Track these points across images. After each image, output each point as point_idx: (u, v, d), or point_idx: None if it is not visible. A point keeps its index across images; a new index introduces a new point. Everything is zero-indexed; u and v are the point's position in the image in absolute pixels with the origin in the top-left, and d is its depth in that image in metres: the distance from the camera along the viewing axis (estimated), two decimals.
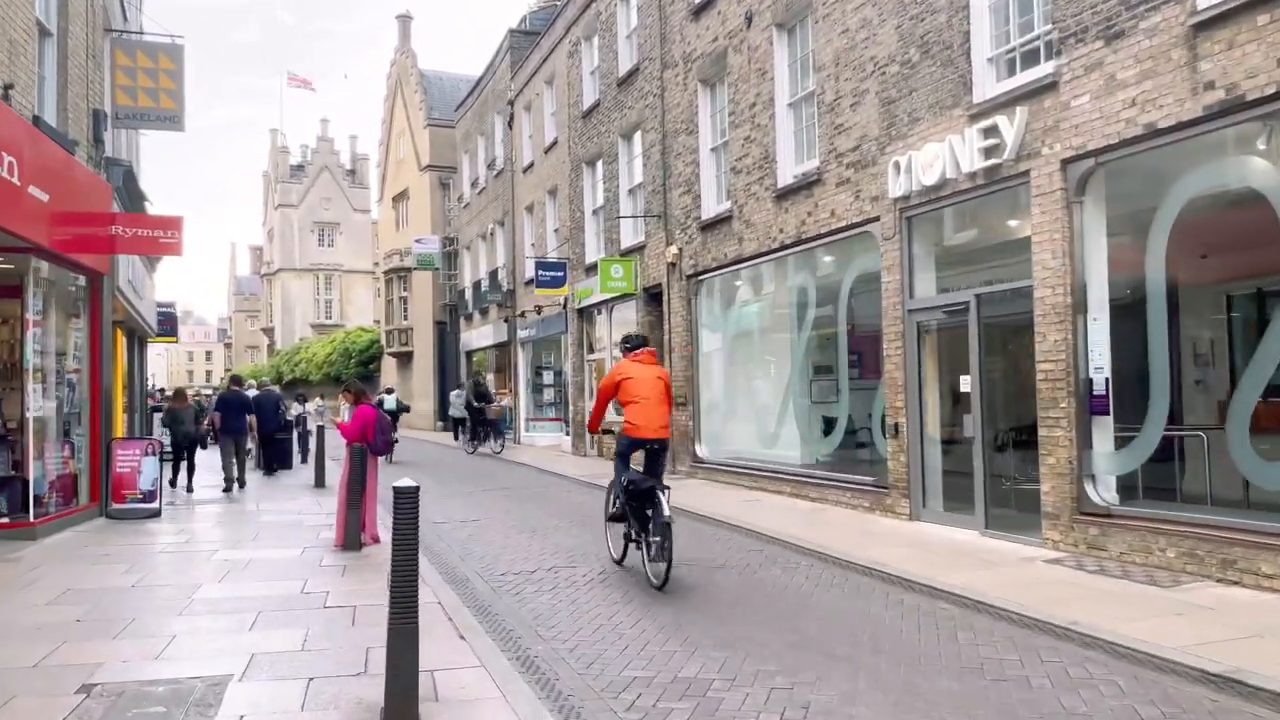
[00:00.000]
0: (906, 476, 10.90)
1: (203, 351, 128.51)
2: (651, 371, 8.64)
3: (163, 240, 13.31)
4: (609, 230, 20.33)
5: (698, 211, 16.15)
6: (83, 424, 12.65)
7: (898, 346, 11.03)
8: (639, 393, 8.44)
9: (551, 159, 24.45)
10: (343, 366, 48.17)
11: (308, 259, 68.11)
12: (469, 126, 33.93)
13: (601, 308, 21.20)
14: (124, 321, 17.97)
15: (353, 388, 10.61)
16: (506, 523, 12.15)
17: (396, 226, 44.02)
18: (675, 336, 17.07)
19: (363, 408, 10.37)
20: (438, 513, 13.41)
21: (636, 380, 8.48)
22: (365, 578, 8.40)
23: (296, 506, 13.85)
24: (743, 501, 13.13)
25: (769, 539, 10.21)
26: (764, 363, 14.86)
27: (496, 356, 32.10)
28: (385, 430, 10.42)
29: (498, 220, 30.07)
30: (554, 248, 24.49)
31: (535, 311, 25.29)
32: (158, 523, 12.33)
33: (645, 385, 8.48)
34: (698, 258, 16.17)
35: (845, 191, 11.95)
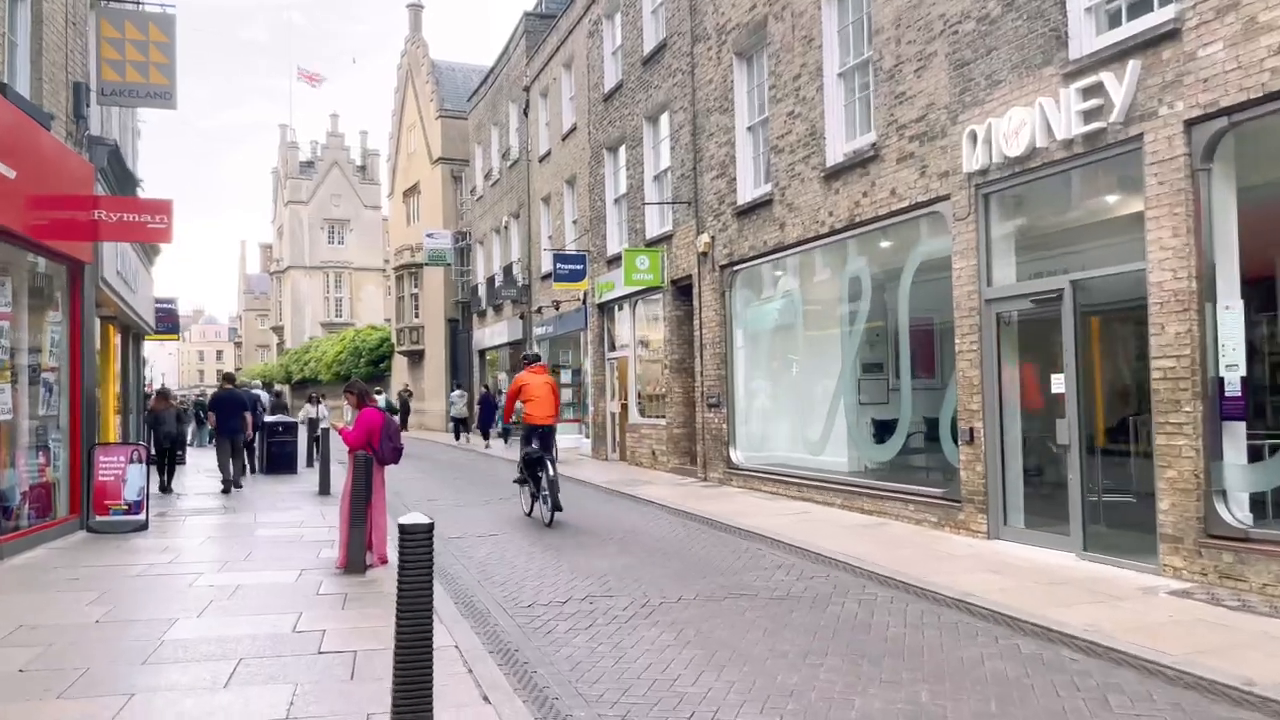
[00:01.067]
0: (983, 489, 9.59)
1: (213, 351, 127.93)
2: (542, 378, 12.63)
3: (151, 225, 12.11)
4: (632, 220, 19.07)
5: (733, 196, 14.87)
6: (61, 428, 11.47)
7: (972, 341, 9.73)
8: (533, 394, 12.36)
9: (570, 146, 23.21)
10: (352, 366, 47.06)
11: (318, 256, 67.08)
12: (482, 116, 32.73)
13: (624, 302, 19.94)
14: (115, 317, 16.81)
15: (356, 388, 9.38)
16: (528, 539, 10.90)
17: (407, 221, 42.87)
18: (707, 332, 15.79)
19: (368, 410, 9.14)
20: (452, 525, 12.19)
21: (532, 385, 12.43)
22: (369, 611, 7.17)
23: (297, 518, 12.64)
24: (790, 515, 11.85)
25: (832, 562, 8.92)
26: (809, 360, 13.57)
27: (511, 354, 30.86)
28: (394, 435, 9.19)
29: (512, 213, 28.85)
30: (572, 240, 23.24)
31: (553, 307, 24.05)
32: (143, 537, 11.14)
33: (538, 389, 12.41)
34: (733, 246, 14.89)
35: (908, 168, 10.66)
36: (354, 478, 8.80)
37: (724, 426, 15.25)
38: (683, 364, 17.31)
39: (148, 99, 13.45)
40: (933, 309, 10.81)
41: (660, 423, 17.84)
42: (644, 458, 18.58)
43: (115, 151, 12.95)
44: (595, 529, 11.45)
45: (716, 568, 8.87)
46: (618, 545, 10.21)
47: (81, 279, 11.79)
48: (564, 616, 7.15)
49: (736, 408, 15.16)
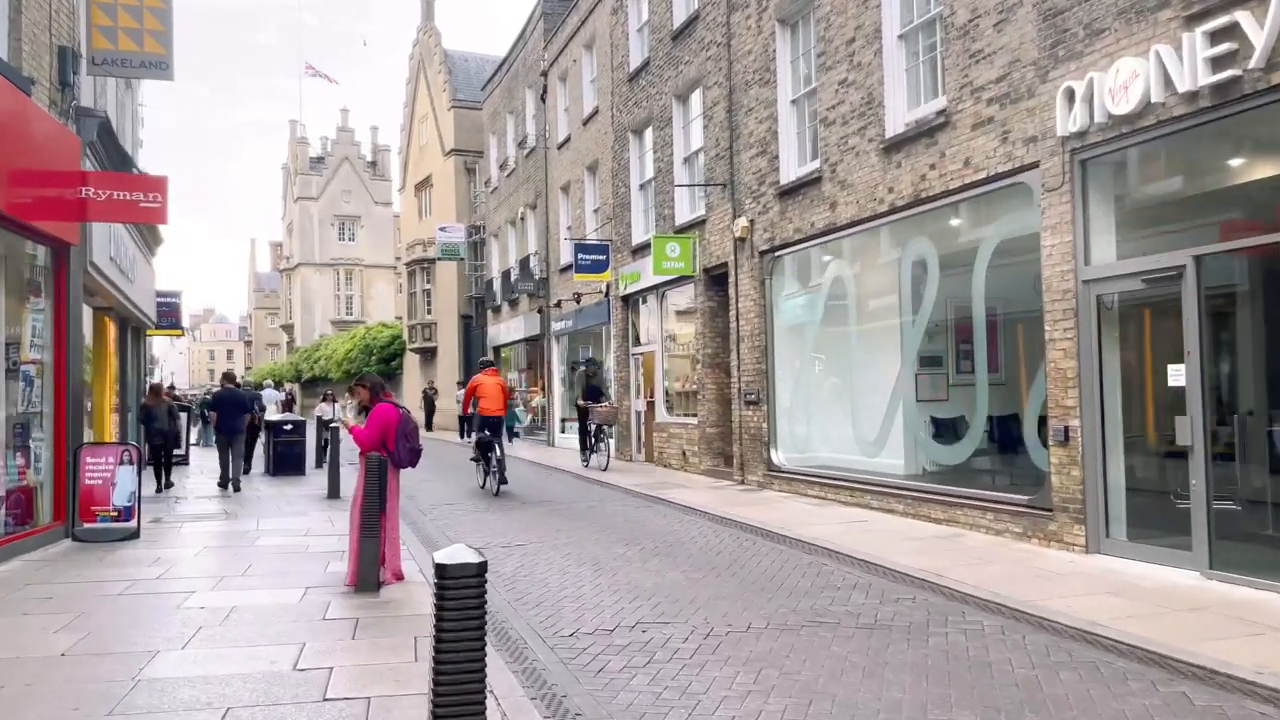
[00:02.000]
0: (1080, 496, 8.42)
1: (224, 350, 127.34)
2: (494, 380, 15.48)
3: (144, 205, 11.04)
4: (660, 205, 17.93)
5: (775, 175, 13.72)
6: (45, 426, 10.41)
7: (1068, 328, 8.55)
8: (486, 392, 15.15)
9: (591, 131, 22.08)
10: (363, 364, 46.04)
11: (328, 253, 66.19)
12: (497, 105, 31.64)
13: (650, 294, 18.81)
14: (111, 309, 15.77)
15: (368, 382, 8.26)
16: (560, 550, 9.77)
17: (419, 215, 41.83)
18: (744, 324, 14.64)
19: (382, 406, 8.03)
20: (472, 532, 11.09)
21: (485, 385, 15.24)
22: (385, 642, 6.06)
23: (304, 524, 11.55)
24: (847, 523, 10.69)
25: (915, 581, 7.76)
26: (862, 353, 12.40)
27: (527, 351, 29.78)
28: (411, 435, 8.08)
29: (529, 203, 27.75)
30: (594, 229, 22.11)
31: (574, 300, 22.92)
32: (133, 546, 10.06)
33: (490, 388, 15.20)
34: (774, 230, 13.74)
35: (986, 134, 9.49)
36: (366, 483, 7.69)
37: (764, 425, 14.09)
38: (716, 358, 16.17)
39: (143, 69, 12.36)
40: (1013, 294, 9.65)
41: (691, 422, 16.70)
42: (673, 459, 17.44)
43: (106, 125, 11.89)
44: (633, 538, 10.31)
45: (781, 586, 7.73)
46: (661, 559, 9.07)
47: (68, 262, 10.73)
48: (615, 649, 6.02)
49: (778, 405, 14.00)
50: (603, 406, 18.17)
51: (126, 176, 11.75)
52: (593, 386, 18.90)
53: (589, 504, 13.45)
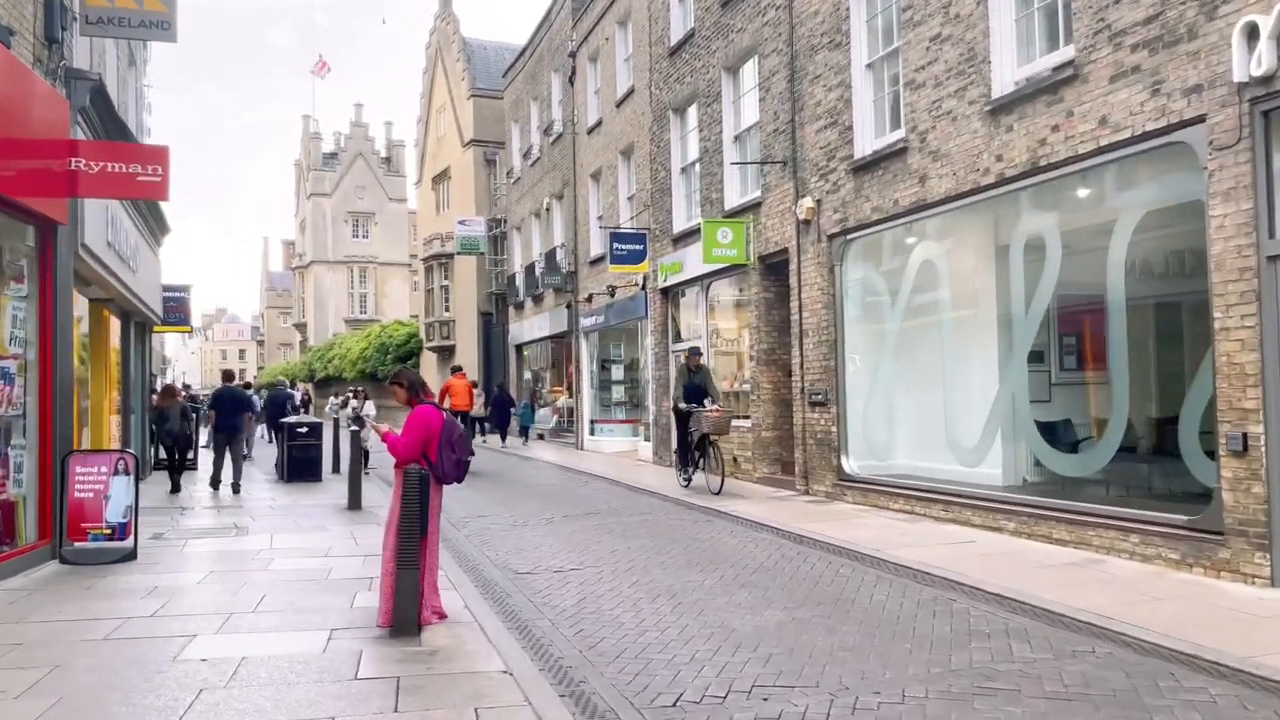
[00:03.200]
0: (1265, 518, 6.95)
1: (236, 349, 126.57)
2: (463, 383, 22.24)
3: (142, 178, 9.67)
4: (706, 189, 16.49)
5: (847, 149, 12.26)
6: (28, 432, 9.05)
7: (1246, 314, 7.08)
8: (457, 392, 21.49)
9: (626, 113, 20.65)
10: (379, 363, 44.75)
11: (341, 250, 64.99)
12: (519, 92, 30.24)
13: (693, 285, 17.37)
14: (112, 301, 14.43)
15: (405, 379, 6.84)
16: (623, 576, 8.34)
17: (437, 210, 40.49)
18: (809, 316, 13.18)
19: (422, 409, 6.62)
20: (514, 551, 9.68)
21: (457, 387, 21.60)
22: (438, 716, 4.65)
23: (323, 542, 10.17)
24: (951, 544, 9.23)
25: (1076, 624, 6.30)
26: (958, 347, 10.93)
27: (553, 349, 28.40)
28: (458, 444, 6.66)
29: (555, 193, 26.34)
30: (629, 218, 20.69)
31: (607, 294, 21.47)
32: (128, 570, 8.69)
33: (460, 389, 21.67)
34: (846, 210, 12.28)
35: (1130, 86, 8.01)
36: (404, 502, 6.29)
37: (832, 429, 12.63)
38: (773, 355, 14.72)
39: (142, 29, 11.01)
40: (1163, 275, 8.21)
41: (744, 424, 15.25)
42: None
43: (101, 90, 10.53)
44: (703, 561, 8.87)
45: (914, 632, 6.28)
46: (749, 590, 7.63)
47: (55, 244, 9.37)
48: None
49: (849, 406, 12.54)
50: (713, 410, 13.63)
51: (122, 146, 10.39)
52: (694, 384, 14.21)
53: (639, 516, 12.01)
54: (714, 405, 13.74)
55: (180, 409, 15.71)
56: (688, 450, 14.26)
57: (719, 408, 13.79)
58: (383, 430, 6.70)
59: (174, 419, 15.37)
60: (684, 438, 14.31)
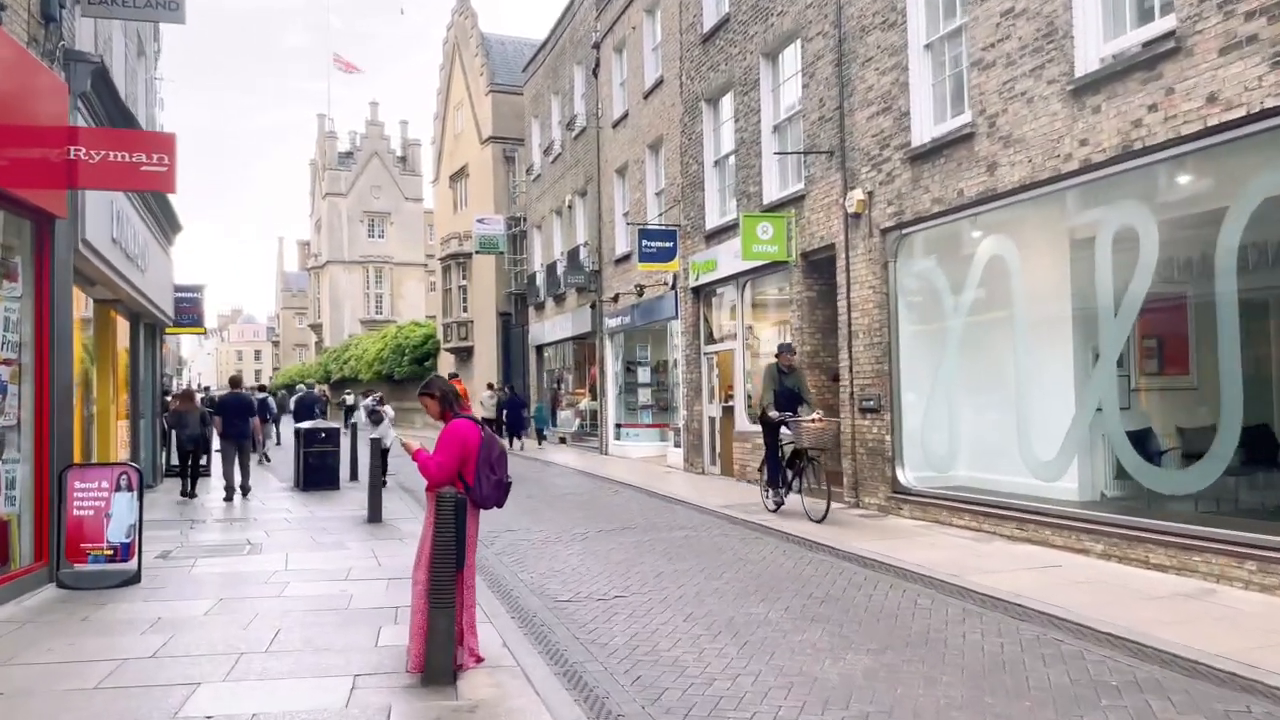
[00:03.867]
0: None
1: (252, 351, 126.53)
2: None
3: (146, 168, 8.90)
4: (743, 182, 15.63)
5: (904, 136, 11.39)
6: (22, 444, 8.30)
7: None
8: None
9: (654, 104, 19.82)
10: (395, 364, 44.09)
11: (357, 250, 64.43)
12: (540, 86, 29.45)
13: (727, 284, 16.52)
14: (120, 302, 13.71)
15: (436, 389, 6.00)
16: (676, 606, 7.50)
17: (454, 208, 39.76)
18: (859, 316, 12.31)
19: (458, 424, 5.80)
20: (550, 574, 8.86)
21: None
22: None
23: (343, 562, 9.38)
24: (1034, 568, 8.36)
25: (1220, 676, 5.42)
26: (1032, 349, 10.03)
27: (575, 350, 27.59)
28: (497, 464, 5.84)
29: (577, 190, 25.54)
30: (657, 214, 19.86)
31: (635, 293, 20.63)
32: (131, 595, 7.92)
33: None
34: (902, 202, 11.41)
35: (1246, 58, 7.12)
36: (438, 532, 5.47)
37: (886, 438, 11.76)
38: (816, 358, 13.86)
39: (149, 9, 10.26)
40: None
41: None
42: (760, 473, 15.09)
43: (103, 74, 9.77)
44: (762, 587, 8.02)
45: (1029, 683, 5.41)
46: (822, 626, 6.77)
47: (52, 239, 8.61)
48: None
49: (904, 413, 11.67)
50: (814, 421, 11.35)
51: (125, 133, 9.63)
52: (787, 388, 11.94)
53: (679, 532, 11.18)
54: (814, 414, 11.51)
55: (200, 414, 15.64)
56: (778, 468, 12.10)
57: (820, 417, 11.52)
58: (413, 448, 5.88)
59: (193, 424, 15.29)
60: (775, 453, 12.16)
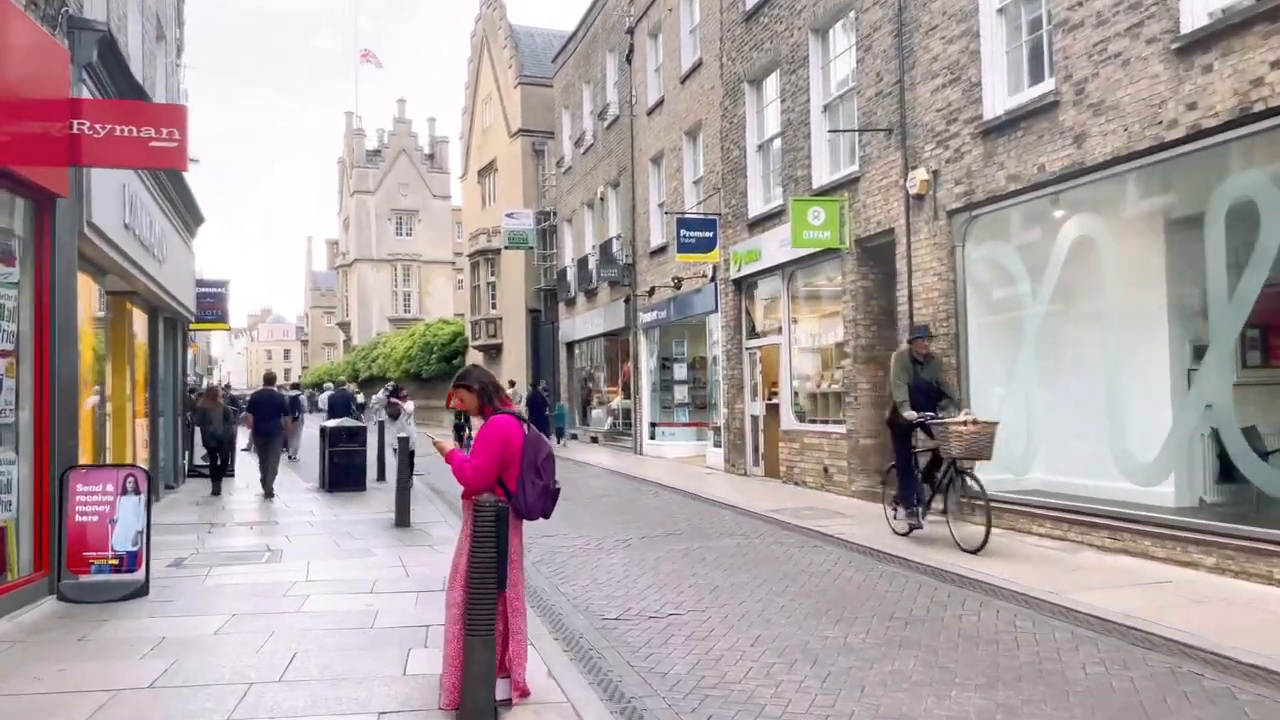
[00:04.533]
0: None
1: (281, 350, 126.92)
2: None
3: (155, 143, 8.16)
4: (790, 166, 14.74)
5: (974, 109, 10.46)
6: (20, 445, 7.60)
7: None
8: None
9: (691, 89, 18.96)
10: (423, 362, 43.52)
11: (385, 248, 64.08)
12: (570, 76, 28.68)
13: (771, 275, 15.64)
14: (136, 294, 13.05)
15: (474, 380, 5.18)
16: (740, 627, 6.65)
17: (482, 204, 39.10)
18: (922, 305, 11.40)
19: (499, 421, 4.99)
20: (594, 586, 8.05)
21: None
22: None
23: (367, 571, 8.61)
24: (1140, 585, 7.44)
25: None
26: (1127, 341, 9.10)
27: (607, 347, 26.80)
28: (544, 467, 5.02)
29: (610, 181, 24.73)
30: (696, 203, 19.00)
31: (671, 286, 19.77)
32: (136, 611, 7.19)
33: None
34: (973, 181, 10.49)
35: None
36: (475, 547, 4.67)
37: None
38: (873, 351, 12.95)
39: None
40: None
41: (837, 430, 13.49)
42: (808, 475, 14.24)
43: (110, 45, 9.06)
44: (833, 605, 7.15)
45: None
46: (912, 653, 5.90)
47: (53, 220, 7.91)
48: None
49: (974, 410, 10.71)
50: (967, 423, 8.89)
51: (131, 106, 8.89)
52: (924, 382, 9.56)
53: (729, 540, 10.34)
54: (964, 414, 9.08)
55: (223, 411, 15.65)
56: (913, 481, 9.64)
57: (974, 418, 8.97)
58: (446, 448, 5.07)
59: (216, 421, 15.32)
60: (908, 463, 9.69)
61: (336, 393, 23.25)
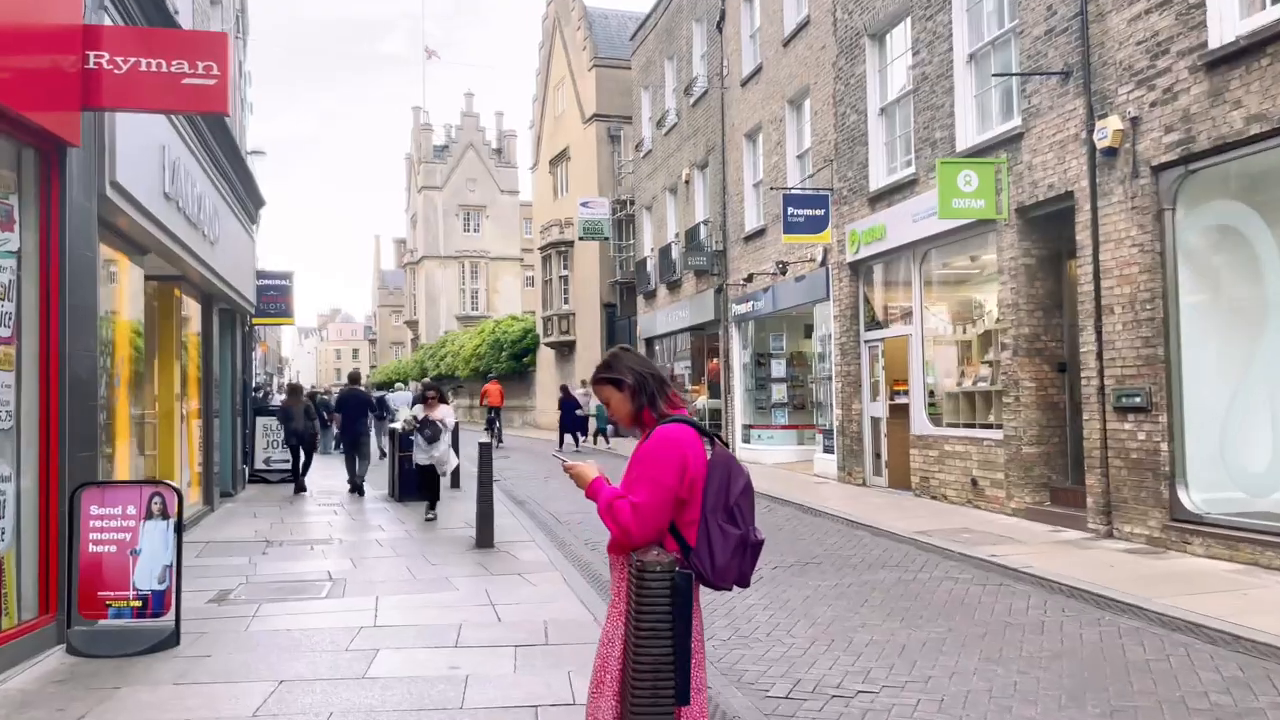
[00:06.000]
0: None
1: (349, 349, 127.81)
2: (496, 387, 28.35)
3: (189, 80, 6.55)
4: (925, 127, 12.69)
5: (1191, 38, 8.34)
6: (22, 455, 6.04)
7: None
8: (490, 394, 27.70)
9: (797, 52, 16.99)
10: (492, 360, 42.18)
11: (453, 245, 63.12)
12: (651, 52, 26.88)
13: (897, 255, 13.62)
14: (186, 280, 11.58)
15: (626, 368, 3.33)
16: (969, 717, 4.72)
17: (555, 194, 37.55)
18: (1115, 284, 9.30)
19: (671, 432, 3.15)
20: (740, 642, 6.16)
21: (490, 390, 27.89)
22: None
23: (449, 611, 6.90)
24: None
25: None
26: None
27: (692, 342, 24.93)
28: (743, 503, 3.16)
29: (696, 162, 22.86)
30: (801, 179, 17.03)
31: (774, 272, 17.78)
32: (157, 672, 5.56)
33: (493, 392, 27.80)
34: (1191, 127, 8.36)
35: None
36: (642, 639, 2.86)
37: (1161, 447, 8.72)
38: (1037, 341, 10.87)
39: None
40: None
41: (989, 436, 11.43)
42: (949, 488, 12.18)
43: None
44: (1089, 683, 5.17)
45: None
46: None
47: (63, 176, 6.33)
48: None
49: (1188, 414, 8.62)
50: None
51: (159, 34, 7.30)
52: None
53: (885, 572, 8.38)
54: None
55: (304, 409, 15.45)
56: None
57: None
58: (588, 476, 3.23)
59: (298, 418, 15.18)
60: None
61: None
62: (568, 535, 11.04)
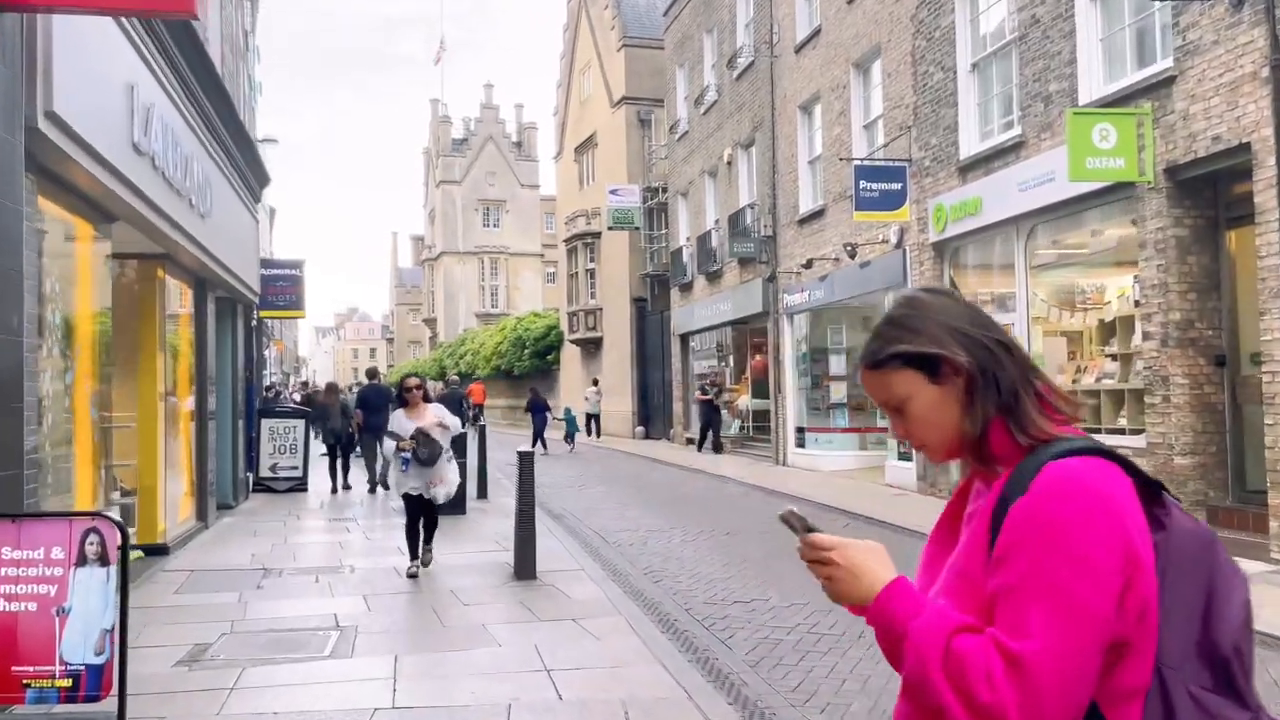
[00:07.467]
0: None
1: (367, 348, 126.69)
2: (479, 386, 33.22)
3: None
4: (1037, 79, 10.82)
5: None
6: None
7: None
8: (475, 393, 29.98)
9: (864, 7, 15.14)
10: (514, 359, 40.51)
11: (472, 240, 61.53)
12: (687, 26, 25.09)
13: (995, 232, 11.80)
14: (171, 259, 9.84)
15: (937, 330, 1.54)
16: None
17: (580, 183, 35.80)
18: None
19: (1084, 474, 1.33)
20: None
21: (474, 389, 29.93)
22: None
23: (490, 681, 5.10)
24: None
25: None
26: None
27: (734, 337, 23.12)
28: (1242, 646, 1.38)
29: (740, 141, 21.04)
30: (871, 150, 15.18)
31: (839, 255, 15.90)
32: None
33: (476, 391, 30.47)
34: None
35: None
36: None
37: None
38: (1190, 330, 9.00)
39: None
40: None
41: (1124, 444, 9.56)
42: None
43: None
44: None
45: None
46: None
47: None
48: None
49: None
50: None
51: None
52: None
53: None
54: None
55: (341, 407, 15.45)
56: None
57: None
58: (872, 574, 1.46)
59: (334, 417, 15.18)
60: None
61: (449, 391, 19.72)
62: (622, 562, 9.28)
